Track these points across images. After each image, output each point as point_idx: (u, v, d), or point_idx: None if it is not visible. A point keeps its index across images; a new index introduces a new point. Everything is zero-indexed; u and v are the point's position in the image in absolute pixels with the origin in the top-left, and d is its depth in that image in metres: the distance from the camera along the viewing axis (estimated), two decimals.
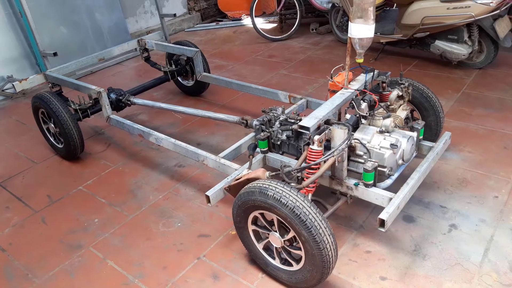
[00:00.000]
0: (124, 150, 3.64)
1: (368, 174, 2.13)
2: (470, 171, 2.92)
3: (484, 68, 4.38)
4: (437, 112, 2.80)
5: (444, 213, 2.57)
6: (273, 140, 2.57)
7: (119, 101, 3.64)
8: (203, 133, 3.77)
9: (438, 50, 4.37)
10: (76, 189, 3.18)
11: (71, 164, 3.49)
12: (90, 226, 2.78)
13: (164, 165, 3.36)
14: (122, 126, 3.26)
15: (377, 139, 2.25)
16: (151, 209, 2.86)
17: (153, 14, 6.66)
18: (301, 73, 4.86)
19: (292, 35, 6.02)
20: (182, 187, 3.06)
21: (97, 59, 4.07)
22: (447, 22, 4.06)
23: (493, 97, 3.86)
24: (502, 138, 3.24)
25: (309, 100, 3.20)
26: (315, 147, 2.13)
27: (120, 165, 3.42)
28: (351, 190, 2.25)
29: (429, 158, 2.39)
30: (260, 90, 3.51)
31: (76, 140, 3.28)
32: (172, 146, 2.87)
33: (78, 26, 5.45)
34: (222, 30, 6.94)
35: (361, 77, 2.60)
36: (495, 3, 3.78)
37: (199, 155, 2.68)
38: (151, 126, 3.97)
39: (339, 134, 2.12)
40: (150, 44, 4.19)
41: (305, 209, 1.83)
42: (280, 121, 2.57)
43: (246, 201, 2.02)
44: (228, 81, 3.78)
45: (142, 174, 3.27)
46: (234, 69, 5.21)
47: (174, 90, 4.67)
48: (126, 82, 5.06)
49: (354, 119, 2.32)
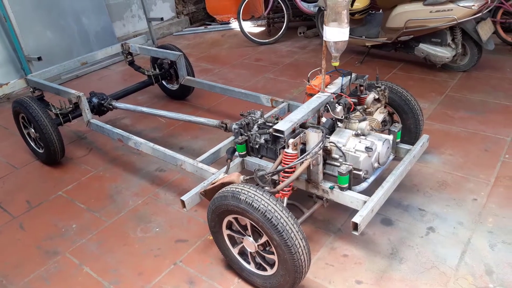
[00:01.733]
0: (105, 155, 3.61)
1: (342, 177, 2.12)
2: (450, 173, 2.92)
3: (468, 71, 4.40)
4: (416, 115, 2.79)
5: (423, 216, 2.56)
6: (252, 144, 2.56)
7: (101, 106, 3.62)
8: (186, 137, 3.76)
9: (422, 53, 4.39)
10: (55, 194, 3.14)
11: (51, 169, 3.46)
12: (68, 232, 2.75)
13: (145, 169, 3.33)
14: (102, 131, 3.24)
15: (353, 142, 2.25)
16: (130, 215, 2.84)
17: (140, 18, 6.64)
18: (287, 77, 4.86)
19: (280, 39, 6.03)
20: (162, 192, 3.04)
21: (80, 63, 4.05)
22: (430, 25, 4.08)
23: (476, 100, 3.87)
24: (483, 141, 3.25)
25: (290, 103, 3.20)
26: (289, 151, 2.12)
27: (101, 170, 3.39)
28: (327, 194, 2.24)
29: (405, 161, 2.39)
30: (243, 94, 3.50)
31: (56, 145, 3.25)
32: (150, 151, 2.85)
33: (64, 31, 5.42)
34: (210, 34, 6.93)
35: (338, 81, 2.60)
36: (477, 6, 3.81)
37: (177, 159, 2.66)
38: (134, 130, 3.95)
39: (313, 138, 2.12)
40: (134, 48, 4.18)
41: (276, 213, 1.81)
42: (258, 125, 2.56)
43: (219, 206, 2.00)
44: (211, 85, 3.77)
45: (122, 179, 3.24)
46: (220, 73, 5.20)
47: (159, 94, 4.66)
48: (111, 86, 5.02)
49: (329, 123, 2.32)
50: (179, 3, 7.24)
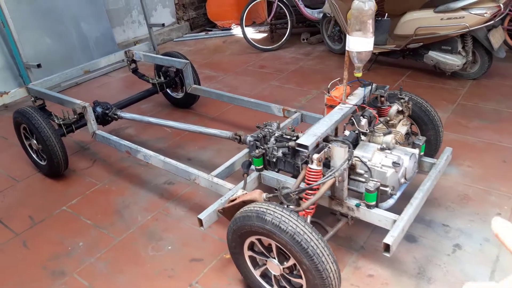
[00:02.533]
0: (110, 166, 3.48)
1: (370, 194, 2.01)
2: (470, 186, 2.83)
3: (478, 79, 4.34)
4: (436, 126, 2.71)
5: (447, 232, 2.47)
6: (268, 157, 2.45)
7: (105, 115, 3.49)
8: (194, 148, 3.64)
9: (431, 61, 4.32)
10: (59, 209, 3.00)
11: (54, 182, 3.32)
12: (74, 250, 2.61)
13: (153, 182, 3.21)
14: (109, 142, 3.11)
15: (378, 157, 2.15)
16: (140, 231, 2.71)
17: (141, 23, 6.53)
18: (294, 84, 4.76)
19: (283, 45, 5.94)
20: (172, 206, 2.92)
21: (83, 71, 3.92)
22: (441, 33, 4.01)
23: (488, 108, 3.80)
24: (500, 151, 3.17)
25: (303, 113, 3.10)
26: (314, 167, 2.02)
27: (107, 182, 3.26)
28: (352, 211, 2.14)
29: (431, 176, 2.29)
30: (253, 103, 3.40)
31: (59, 157, 3.11)
32: (161, 164, 2.72)
33: (63, 37, 5.28)
34: (211, 40, 6.83)
35: (359, 91, 2.51)
36: (489, 13, 3.74)
37: (191, 174, 2.54)
38: (139, 140, 3.83)
39: (339, 153, 2.01)
40: (138, 56, 4.06)
41: (306, 236, 1.71)
42: (275, 137, 2.45)
43: (242, 226, 1.88)
44: (219, 94, 3.66)
45: (129, 192, 3.11)
46: (224, 80, 5.09)
47: (163, 102, 4.53)
48: (113, 94, 4.90)
49: (353, 136, 2.21)
50: (179, 9, 7.13)
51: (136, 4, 6.32)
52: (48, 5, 5.07)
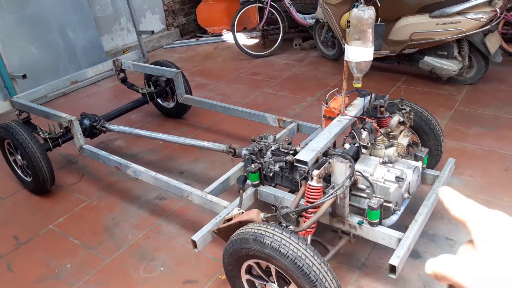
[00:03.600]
0: (99, 181, 3.34)
1: (373, 212, 1.91)
2: (473, 197, 2.71)
3: (475, 84, 4.28)
4: (437, 136, 2.62)
5: (451, 247, 2.37)
6: (265, 171, 2.34)
7: (93, 128, 3.36)
8: (186, 160, 3.51)
9: (427, 66, 4.25)
10: (46, 228, 2.86)
11: (40, 199, 3.17)
12: (62, 272, 2.47)
13: (143, 197, 3.08)
14: (97, 157, 2.98)
15: (381, 171, 2.05)
16: (131, 251, 2.58)
17: (129, 31, 6.39)
18: (287, 91, 4.66)
19: (276, 51, 5.84)
20: (164, 223, 2.79)
21: (69, 82, 3.79)
22: (437, 38, 3.94)
23: (487, 114, 3.73)
24: (501, 159, 3.10)
25: (300, 123, 2.99)
26: (314, 184, 1.91)
27: (95, 198, 3.12)
28: (355, 229, 2.03)
29: (435, 190, 2.20)
30: (247, 113, 3.29)
31: (45, 173, 2.97)
32: (152, 180, 2.60)
33: (50, 46, 5.13)
34: (202, 47, 6.72)
35: (358, 102, 2.41)
36: (485, 18, 3.68)
37: (183, 191, 2.42)
38: (129, 153, 3.70)
39: (340, 168, 1.91)
40: (127, 65, 3.93)
41: (308, 260, 1.60)
42: (272, 151, 2.34)
43: (239, 249, 1.77)
44: (212, 104, 3.55)
45: (119, 208, 2.98)
46: (216, 88, 4.98)
47: (153, 112, 4.41)
48: (101, 104, 4.76)
49: (354, 150, 2.11)
50: (169, 15, 7.02)
51: (124, 11, 6.19)
52: (33, 13, 4.92)
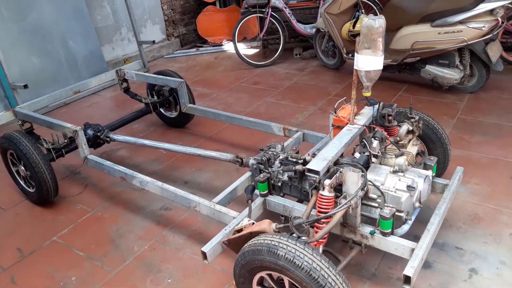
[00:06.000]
0: (102, 191, 3.31)
1: (386, 221, 1.90)
2: (480, 205, 2.73)
3: (476, 92, 4.30)
4: (444, 144, 2.62)
5: (461, 256, 2.36)
6: (273, 181, 2.32)
7: (96, 138, 3.33)
8: (190, 170, 3.49)
9: (429, 75, 4.27)
10: (49, 240, 2.82)
11: (43, 210, 3.13)
12: (67, 285, 2.43)
13: (148, 208, 3.05)
14: (102, 168, 2.95)
15: (392, 181, 2.04)
16: (137, 262, 2.54)
17: (130, 41, 6.40)
18: (289, 101, 4.67)
19: (276, 61, 5.86)
20: (170, 234, 2.76)
21: (72, 92, 3.77)
22: (439, 47, 3.96)
23: (489, 123, 3.74)
24: (506, 168, 3.10)
25: (305, 132, 2.99)
26: (326, 193, 1.90)
27: (99, 209, 3.09)
28: (366, 239, 2.01)
29: (446, 198, 2.19)
30: (252, 123, 3.28)
31: (49, 183, 2.94)
32: (159, 191, 2.57)
33: (51, 55, 5.13)
34: (203, 56, 6.73)
35: (366, 111, 2.41)
36: (487, 27, 3.72)
37: (191, 201, 2.40)
38: (132, 163, 3.67)
39: (352, 178, 1.90)
40: (130, 75, 3.92)
41: (323, 271, 1.58)
42: (280, 160, 2.33)
43: (251, 261, 1.75)
44: (216, 113, 3.54)
45: (124, 219, 2.95)
46: (219, 98, 4.97)
47: (155, 122, 4.39)
48: (104, 114, 4.74)
49: (364, 158, 2.10)
50: (169, 25, 7.04)
51: (125, 21, 6.20)
52: (34, 23, 4.92)
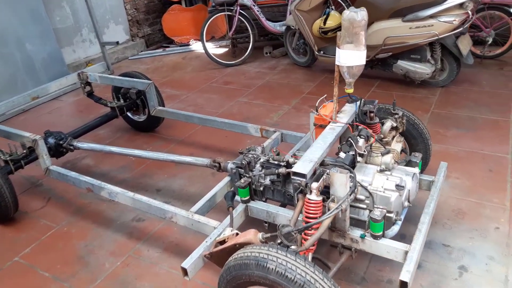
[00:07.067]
0: (68, 204, 3.07)
1: (377, 224, 1.80)
2: (463, 200, 2.70)
3: (447, 86, 4.32)
4: (425, 139, 2.58)
5: (449, 253, 2.30)
6: (255, 186, 2.19)
7: (59, 147, 3.09)
8: (163, 176, 3.30)
9: (401, 70, 4.26)
10: (11, 261, 2.56)
11: (3, 228, 2.85)
12: None
13: (119, 220, 2.84)
14: (66, 179, 2.72)
15: (380, 180, 1.95)
16: (109, 281, 2.34)
17: (92, 42, 6.09)
18: (262, 100, 4.54)
19: (246, 60, 5.73)
20: (144, 247, 2.57)
21: (30, 98, 3.49)
22: (411, 42, 3.95)
23: (463, 116, 3.76)
24: (484, 160, 3.09)
25: (283, 133, 2.87)
26: (313, 197, 1.78)
27: (65, 224, 2.85)
28: (357, 243, 1.91)
29: (433, 196, 2.12)
30: (227, 124, 3.13)
31: (7, 199, 2.68)
32: (130, 202, 2.38)
33: (6, 60, 4.78)
34: (169, 57, 6.50)
35: (348, 108, 2.31)
36: (457, 21, 3.72)
37: (166, 212, 2.22)
38: (98, 171, 3.44)
39: (340, 180, 1.78)
40: (93, 78, 3.68)
41: (318, 284, 1.45)
42: (261, 163, 2.19)
43: (238, 276, 1.60)
44: (188, 115, 3.37)
45: (93, 234, 2.73)
46: (188, 99, 4.78)
47: (123, 126, 4.15)
48: (66, 120, 4.46)
49: (350, 158, 2.00)
50: (133, 25, 6.76)
51: (86, 22, 5.89)
52: None
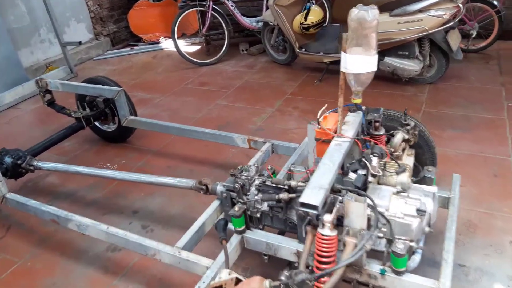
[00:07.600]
0: (31, 233, 2.67)
1: (400, 259, 1.54)
2: (471, 210, 2.50)
3: (435, 83, 4.15)
4: (431, 148, 2.35)
5: (466, 275, 2.09)
6: (250, 212, 1.89)
7: (17, 167, 2.69)
8: (138, 195, 2.94)
9: (388, 68, 4.05)
10: None
11: None
12: None
13: (91, 250, 2.47)
14: (26, 209, 2.34)
15: (397, 204, 1.69)
16: None
17: (52, 42, 5.58)
18: (243, 102, 4.23)
19: (222, 58, 5.39)
20: (122, 284, 2.22)
21: None
22: (399, 38, 3.73)
23: (456, 115, 3.58)
24: (486, 164, 2.91)
25: (274, 143, 2.58)
26: (327, 232, 1.50)
27: (29, 258, 2.46)
28: (375, 279, 1.64)
29: (453, 216, 1.89)
30: (210, 135, 2.81)
31: None
32: (104, 236, 2.03)
33: None
34: (138, 56, 6.07)
35: (351, 119, 2.03)
36: (448, 15, 3.53)
37: (147, 248, 1.89)
38: (65, 191, 3.05)
39: (356, 210, 1.51)
40: (54, 85, 3.27)
41: None
42: (257, 186, 1.90)
43: None
44: (164, 126, 3.03)
45: (61, 269, 2.36)
46: (162, 103, 4.41)
47: (90, 137, 3.75)
48: (25, 132, 4.00)
49: (362, 179, 1.73)
50: (96, 23, 6.27)
51: (44, 20, 5.37)
52: None
